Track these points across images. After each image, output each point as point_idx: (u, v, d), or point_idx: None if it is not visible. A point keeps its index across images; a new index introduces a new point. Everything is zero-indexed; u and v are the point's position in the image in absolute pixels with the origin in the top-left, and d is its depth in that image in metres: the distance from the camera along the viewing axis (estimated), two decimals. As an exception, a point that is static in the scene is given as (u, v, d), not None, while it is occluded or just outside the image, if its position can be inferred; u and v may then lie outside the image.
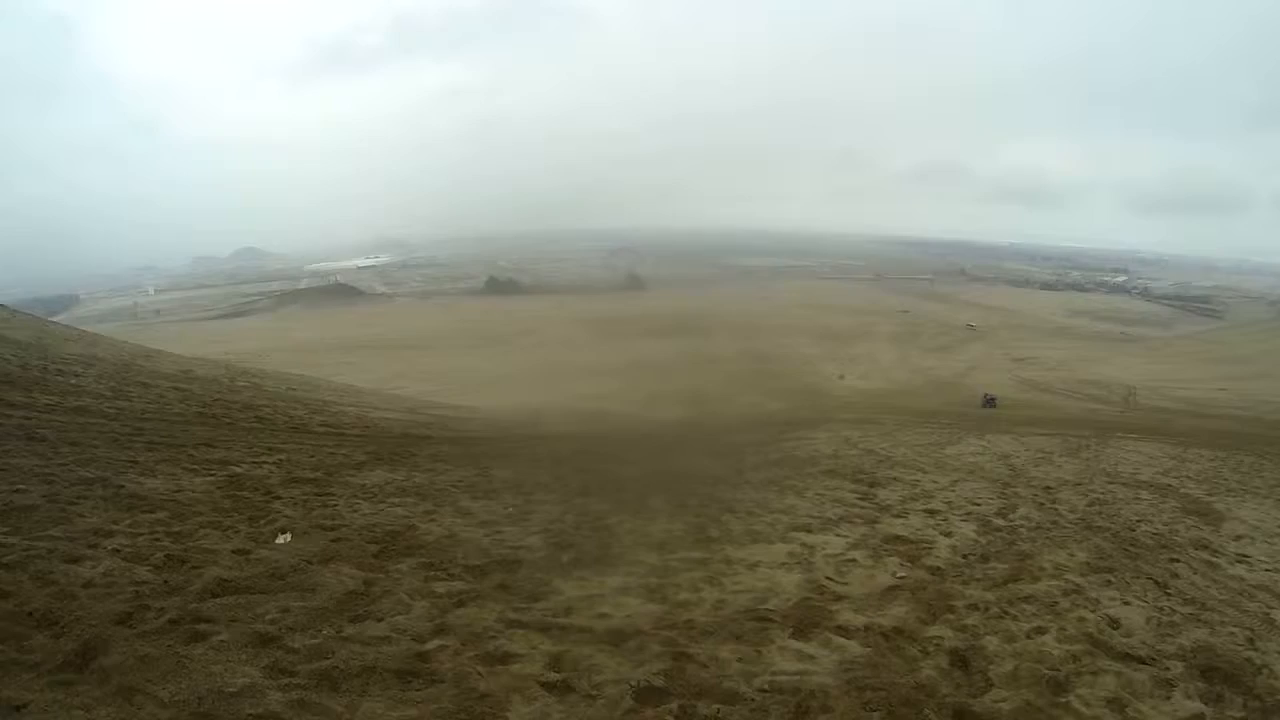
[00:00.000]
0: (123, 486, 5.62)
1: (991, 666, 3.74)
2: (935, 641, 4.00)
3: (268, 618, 3.62)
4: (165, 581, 3.90)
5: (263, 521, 5.30)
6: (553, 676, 3.34)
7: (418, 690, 3.13)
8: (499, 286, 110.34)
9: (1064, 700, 3.46)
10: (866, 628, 4.11)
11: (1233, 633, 4.40)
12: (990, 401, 33.84)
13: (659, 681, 3.33)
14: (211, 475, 6.49)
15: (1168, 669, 3.84)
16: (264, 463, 7.37)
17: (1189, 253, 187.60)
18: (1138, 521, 7.32)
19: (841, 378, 47.05)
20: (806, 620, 4.17)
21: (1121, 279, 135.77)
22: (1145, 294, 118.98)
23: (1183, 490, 9.31)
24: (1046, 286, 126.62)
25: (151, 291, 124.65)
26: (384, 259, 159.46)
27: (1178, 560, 5.96)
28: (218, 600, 3.75)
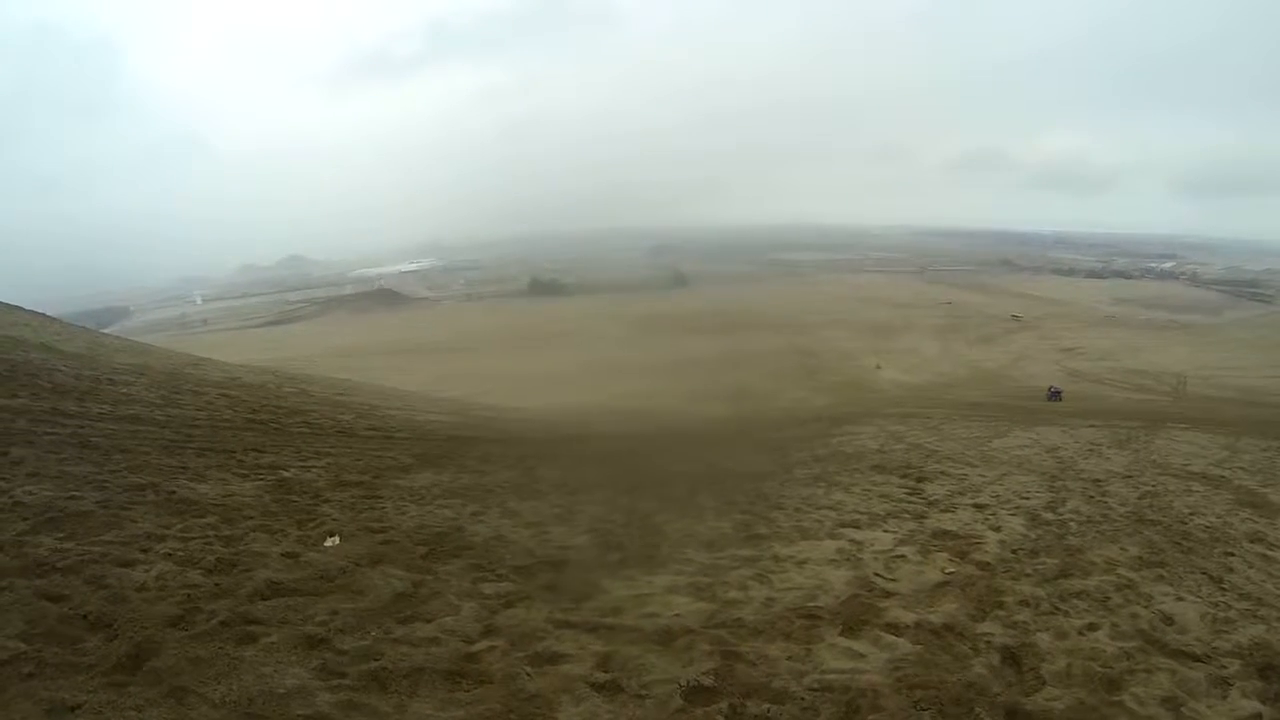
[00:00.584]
0: (174, 492, 5.71)
1: (1043, 664, 3.67)
2: (986, 638, 3.93)
3: (317, 619, 3.66)
4: (216, 584, 3.96)
5: (311, 525, 5.36)
6: (601, 677, 3.33)
7: (466, 691, 3.15)
8: (542, 288, 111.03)
9: (1118, 699, 3.38)
10: (916, 624, 4.05)
11: (1291, 630, 4.27)
12: (1055, 394, 32.47)
13: (708, 681, 3.30)
14: (260, 480, 6.59)
15: (1224, 667, 3.73)
16: (312, 466, 7.46)
17: (1238, 235, 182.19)
18: (1190, 514, 7.15)
19: (878, 368, 46.63)
20: (855, 617, 4.12)
21: (1169, 265, 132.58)
22: (1194, 280, 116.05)
23: (1236, 482, 9.08)
24: (1092, 274, 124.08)
25: (199, 301, 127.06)
26: (427, 263, 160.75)
27: (1232, 554, 5.80)
28: (267, 603, 3.80)
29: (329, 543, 4.94)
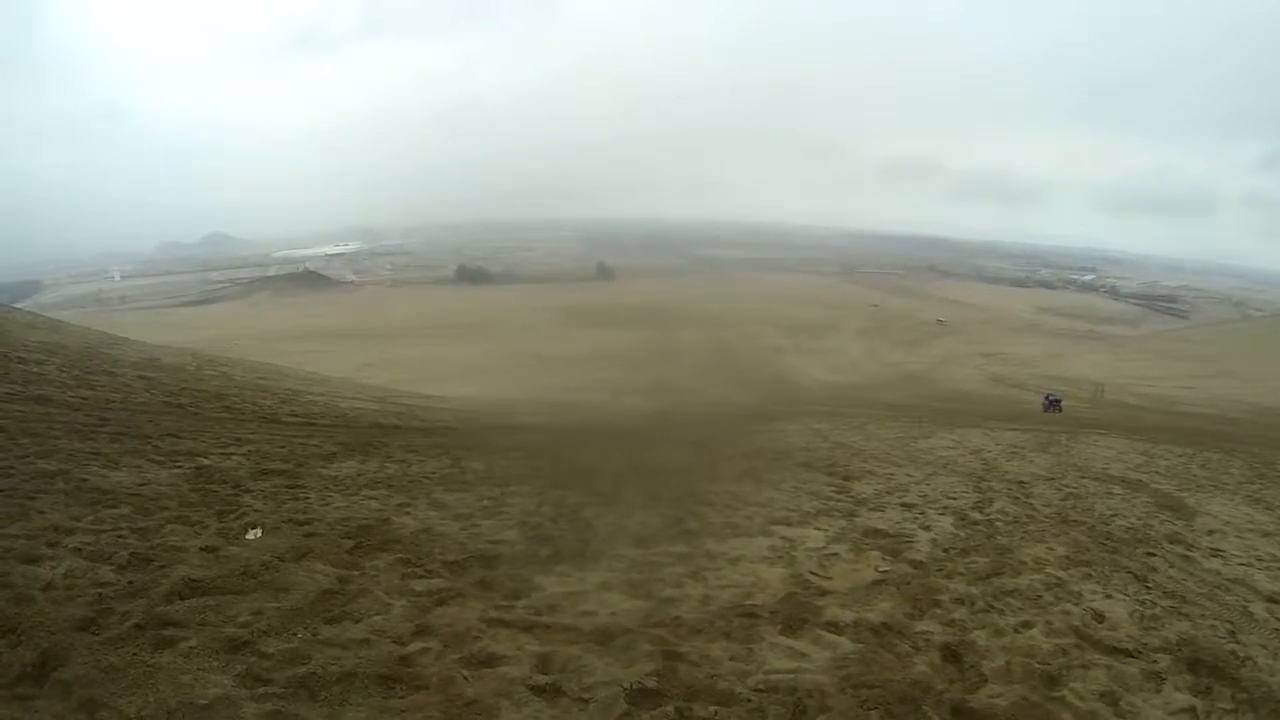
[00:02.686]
0: (85, 480, 5.42)
1: (984, 661, 3.71)
2: (925, 636, 3.95)
3: (239, 620, 3.47)
4: (130, 582, 3.73)
5: (232, 516, 5.13)
6: (541, 679, 3.23)
7: (401, 697, 3.00)
8: (469, 275, 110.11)
9: (1058, 695, 3.44)
10: (855, 623, 4.06)
11: (1214, 625, 4.41)
12: (1054, 404, 28.78)
13: (651, 683, 3.23)
14: (178, 467, 6.30)
15: (1155, 662, 3.83)
16: (233, 454, 7.17)
17: (1156, 252, 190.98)
18: (1112, 516, 7.35)
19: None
20: (795, 616, 4.10)
21: (1090, 277, 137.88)
22: (1113, 292, 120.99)
23: (1154, 485, 9.38)
24: (1016, 283, 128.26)
25: (117, 278, 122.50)
26: (353, 246, 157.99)
27: (1154, 554, 5.98)
28: (186, 602, 3.59)
29: (251, 535, 4.73)
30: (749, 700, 3.18)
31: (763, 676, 3.38)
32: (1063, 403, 29.26)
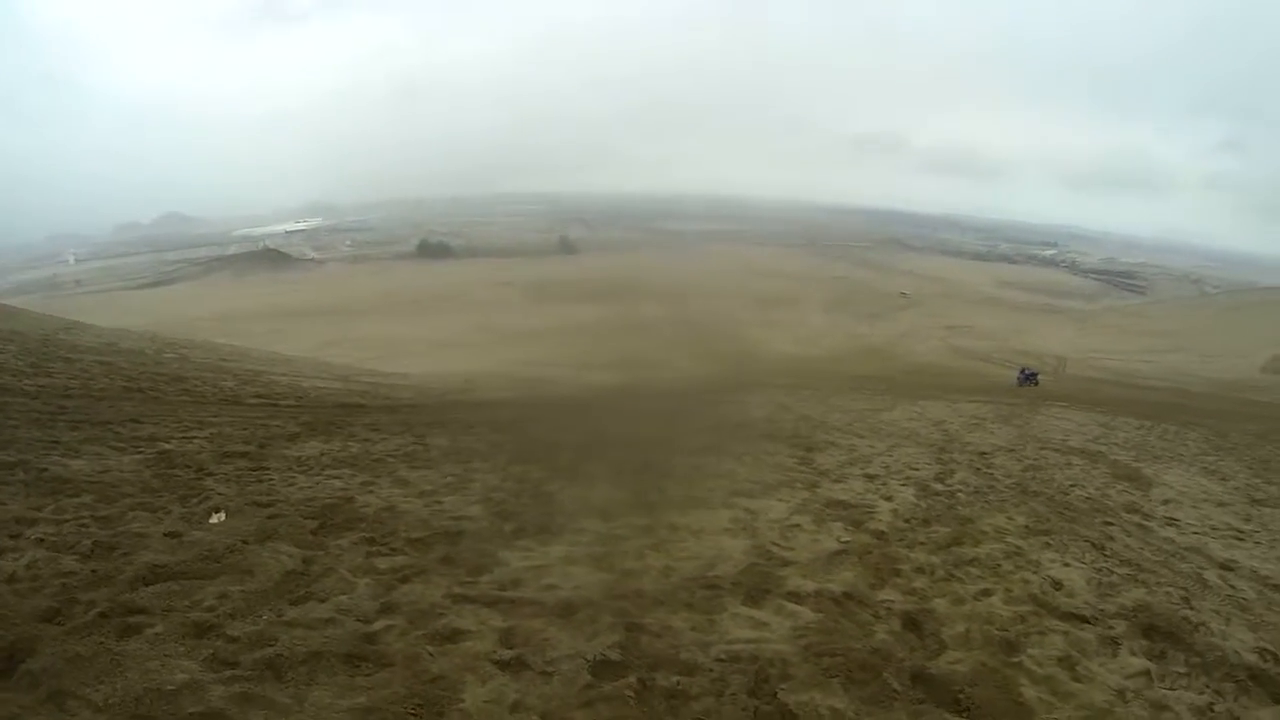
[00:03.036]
0: (45, 469, 5.34)
1: (943, 629, 3.81)
2: (886, 605, 4.05)
3: (205, 604, 3.47)
4: (94, 571, 3.71)
5: (195, 500, 5.09)
6: (505, 654, 3.27)
7: (367, 675, 3.03)
8: (430, 251, 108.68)
9: (1016, 660, 3.55)
10: (817, 593, 4.14)
11: (1169, 592, 4.56)
12: (1030, 378, 28.19)
13: (615, 655, 3.28)
14: (140, 453, 6.22)
15: (1111, 628, 3.95)
16: (194, 437, 7.09)
17: (1117, 230, 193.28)
18: (1071, 486, 7.54)
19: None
20: (756, 587, 4.17)
21: (1051, 253, 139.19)
22: (1074, 268, 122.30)
23: (1112, 456, 9.62)
24: (978, 257, 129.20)
25: (71, 261, 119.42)
26: (313, 223, 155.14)
27: (1111, 524, 6.16)
28: (151, 589, 3.57)
29: (214, 519, 4.71)
30: (711, 670, 3.24)
31: (725, 647, 3.45)
32: (1038, 376, 28.82)
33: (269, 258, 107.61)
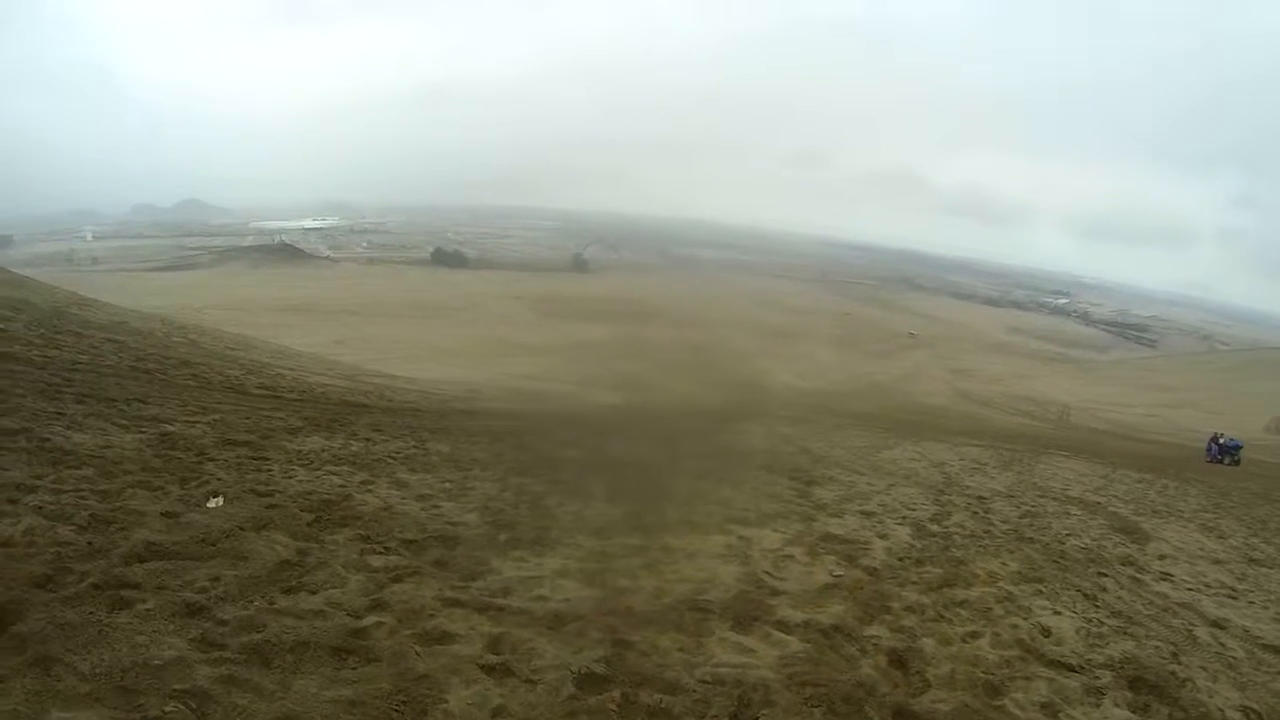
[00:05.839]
0: (48, 439, 5.38)
1: (929, 668, 3.81)
2: (873, 641, 4.05)
3: (197, 586, 3.49)
4: (89, 543, 3.74)
5: (194, 484, 5.12)
6: (492, 659, 3.29)
7: (353, 669, 3.05)
8: (445, 258, 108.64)
9: (999, 703, 3.55)
10: (805, 624, 4.14)
11: (1158, 646, 4.55)
12: (1227, 451, 20.68)
13: (600, 668, 3.30)
14: (143, 433, 6.26)
15: (1097, 678, 3.95)
16: (198, 422, 7.13)
17: (1129, 281, 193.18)
18: (1067, 535, 7.51)
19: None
20: (746, 613, 4.18)
21: (1063, 301, 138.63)
22: (1085, 318, 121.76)
23: (1110, 509, 9.55)
24: (989, 302, 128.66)
25: (89, 238, 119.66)
26: (331, 222, 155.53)
27: (1105, 575, 6.13)
28: (145, 565, 3.60)
29: (212, 504, 4.73)
30: (695, 691, 3.25)
31: (710, 669, 3.46)
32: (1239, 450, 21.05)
33: (285, 252, 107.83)
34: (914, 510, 7.76)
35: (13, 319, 10.52)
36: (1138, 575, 6.34)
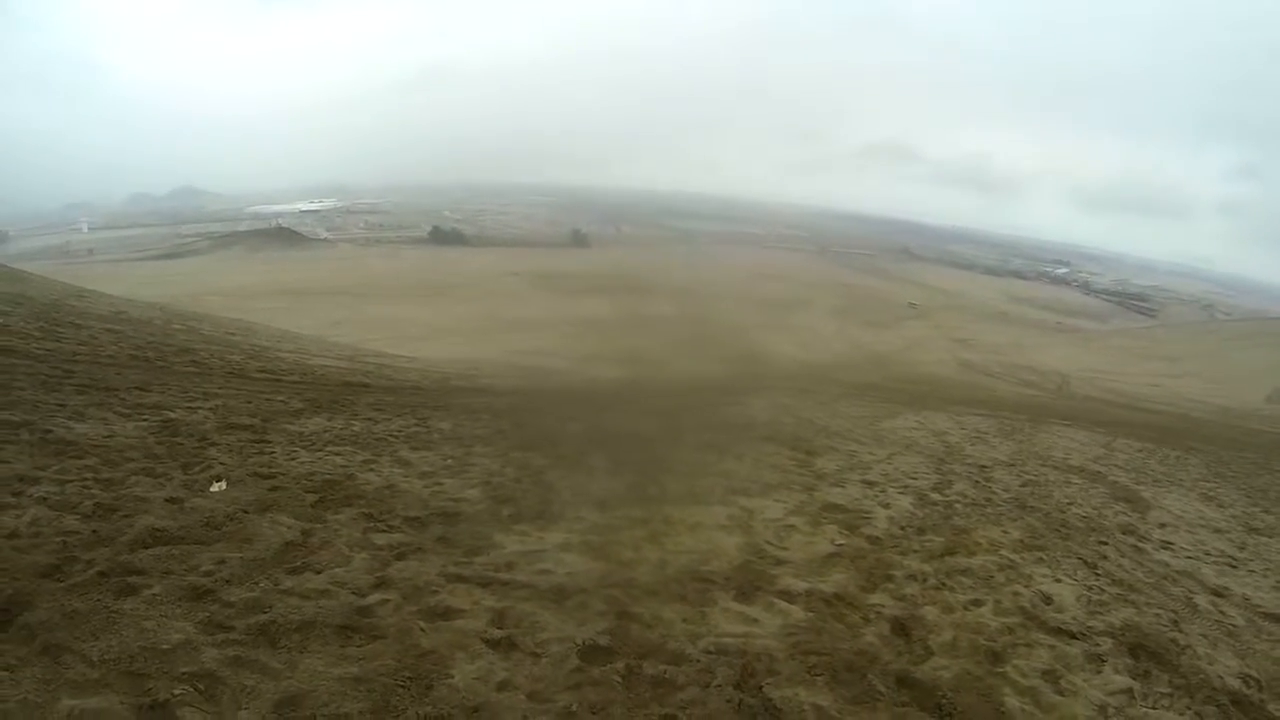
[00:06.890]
0: (50, 431, 5.38)
1: (931, 635, 3.84)
2: (876, 609, 4.08)
3: (202, 569, 3.51)
4: (95, 531, 3.75)
5: (197, 469, 5.14)
6: (496, 633, 3.31)
7: (359, 646, 3.07)
8: (442, 237, 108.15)
9: (1001, 670, 3.58)
10: (808, 593, 4.17)
11: (1158, 614, 4.58)
12: None
13: (604, 640, 3.33)
14: (144, 420, 6.26)
15: (1098, 645, 3.98)
16: (199, 408, 7.13)
17: (1129, 251, 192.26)
18: (1068, 504, 7.54)
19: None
20: (749, 583, 4.21)
21: (1063, 271, 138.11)
22: (1085, 287, 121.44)
23: (1111, 477, 9.58)
24: (989, 271, 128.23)
25: (85, 229, 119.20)
26: (327, 204, 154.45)
27: (1106, 543, 6.16)
28: (150, 551, 3.62)
29: (215, 488, 4.75)
30: (698, 661, 3.28)
31: (713, 639, 3.49)
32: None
33: (282, 236, 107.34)
34: (915, 479, 7.77)
35: (10, 312, 10.51)
36: (1138, 543, 6.38)
